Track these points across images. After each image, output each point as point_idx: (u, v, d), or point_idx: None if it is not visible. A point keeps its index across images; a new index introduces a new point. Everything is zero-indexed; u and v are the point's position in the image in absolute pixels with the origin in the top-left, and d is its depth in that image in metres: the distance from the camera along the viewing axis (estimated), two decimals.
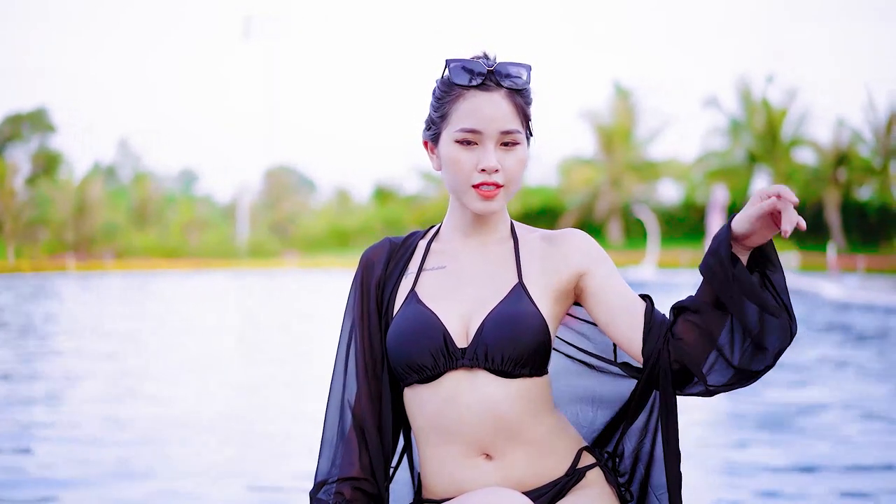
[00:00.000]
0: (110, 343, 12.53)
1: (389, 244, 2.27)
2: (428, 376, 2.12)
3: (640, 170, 49.59)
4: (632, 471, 2.28)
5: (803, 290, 25.37)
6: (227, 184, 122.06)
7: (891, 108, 45.05)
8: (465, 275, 2.19)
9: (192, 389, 8.86)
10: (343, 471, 2.16)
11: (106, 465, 5.60)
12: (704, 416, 7.47)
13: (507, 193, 2.13)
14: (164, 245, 46.47)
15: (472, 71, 2.10)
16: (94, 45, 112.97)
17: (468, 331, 2.12)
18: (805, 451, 6.09)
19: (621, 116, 49.58)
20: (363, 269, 2.25)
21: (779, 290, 1.99)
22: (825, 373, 9.96)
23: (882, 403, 8.05)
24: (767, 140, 47.14)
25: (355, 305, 2.23)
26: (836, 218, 44.70)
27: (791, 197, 1.88)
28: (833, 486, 5.16)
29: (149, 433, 6.71)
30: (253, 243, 50.34)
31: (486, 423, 2.09)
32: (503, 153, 2.11)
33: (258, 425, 7.14)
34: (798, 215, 1.88)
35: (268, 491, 5.17)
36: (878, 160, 45.31)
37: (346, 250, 54.91)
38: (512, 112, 2.10)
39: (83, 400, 8.31)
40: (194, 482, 5.29)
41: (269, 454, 6.13)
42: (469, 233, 2.22)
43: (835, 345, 12.61)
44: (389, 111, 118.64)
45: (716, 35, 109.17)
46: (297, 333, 14.34)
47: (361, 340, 2.20)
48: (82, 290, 25.99)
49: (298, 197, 66.59)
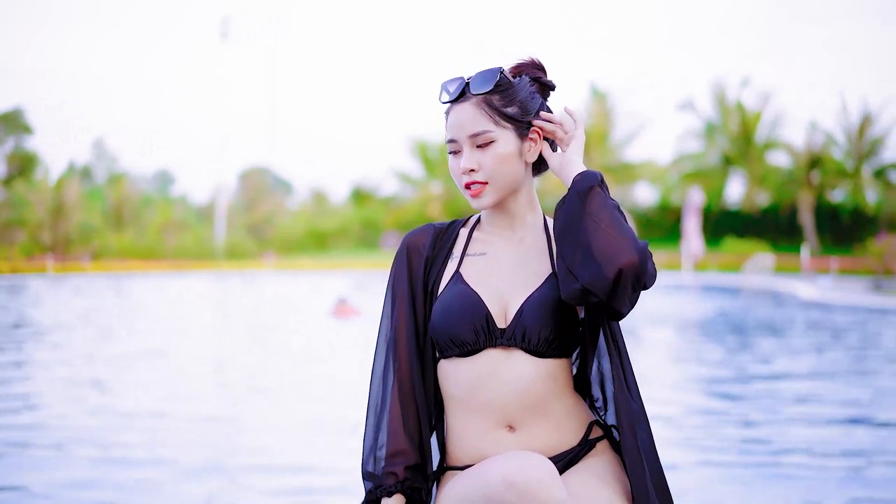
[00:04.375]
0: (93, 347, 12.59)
1: (434, 229, 2.51)
2: (468, 351, 2.35)
3: (616, 172, 49.81)
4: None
5: (778, 291, 25.70)
6: (203, 185, 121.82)
7: (863, 112, 45.56)
8: (503, 262, 2.42)
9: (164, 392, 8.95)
10: (391, 442, 2.37)
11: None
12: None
13: (494, 189, 2.37)
14: (141, 246, 46.29)
15: (447, 89, 2.38)
16: (69, 46, 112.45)
17: (507, 313, 2.35)
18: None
19: (598, 119, 49.79)
20: (408, 249, 2.48)
21: None
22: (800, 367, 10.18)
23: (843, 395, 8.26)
24: (742, 143, 47.54)
25: (399, 281, 2.46)
26: (810, 220, 45.13)
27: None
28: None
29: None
30: (230, 245, 50.23)
31: (516, 397, 2.32)
32: (480, 153, 2.35)
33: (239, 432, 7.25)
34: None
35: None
36: (850, 163, 45.79)
37: (323, 252, 54.95)
38: (480, 115, 2.34)
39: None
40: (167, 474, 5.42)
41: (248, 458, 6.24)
42: (502, 225, 2.47)
43: (808, 343, 12.86)
44: (365, 112, 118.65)
45: (692, 38, 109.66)
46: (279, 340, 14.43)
47: (408, 313, 2.43)
48: (67, 291, 25.96)
49: (275, 198, 66.52)
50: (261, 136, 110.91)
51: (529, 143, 2.40)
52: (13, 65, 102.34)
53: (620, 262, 2.16)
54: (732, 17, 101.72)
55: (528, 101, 2.38)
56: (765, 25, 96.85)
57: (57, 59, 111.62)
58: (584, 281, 2.19)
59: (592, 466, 2.35)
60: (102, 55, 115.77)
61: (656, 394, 8.19)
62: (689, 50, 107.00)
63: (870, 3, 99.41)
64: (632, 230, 2.22)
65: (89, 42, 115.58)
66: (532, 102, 2.39)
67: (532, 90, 2.41)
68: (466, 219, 2.56)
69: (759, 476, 5.33)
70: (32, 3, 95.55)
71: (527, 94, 2.39)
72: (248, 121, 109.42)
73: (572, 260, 2.22)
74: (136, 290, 27.36)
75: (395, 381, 2.42)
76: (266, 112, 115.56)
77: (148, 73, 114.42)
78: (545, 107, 2.44)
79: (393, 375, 2.43)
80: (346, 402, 7.78)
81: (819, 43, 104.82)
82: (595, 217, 2.21)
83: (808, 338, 13.66)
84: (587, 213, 2.22)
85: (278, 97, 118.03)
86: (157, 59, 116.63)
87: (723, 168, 48.59)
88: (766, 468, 5.51)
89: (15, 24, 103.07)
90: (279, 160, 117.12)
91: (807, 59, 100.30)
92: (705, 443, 6.29)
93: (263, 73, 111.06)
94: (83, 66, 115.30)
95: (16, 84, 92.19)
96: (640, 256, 2.18)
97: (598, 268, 2.17)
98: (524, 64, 2.46)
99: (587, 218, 2.22)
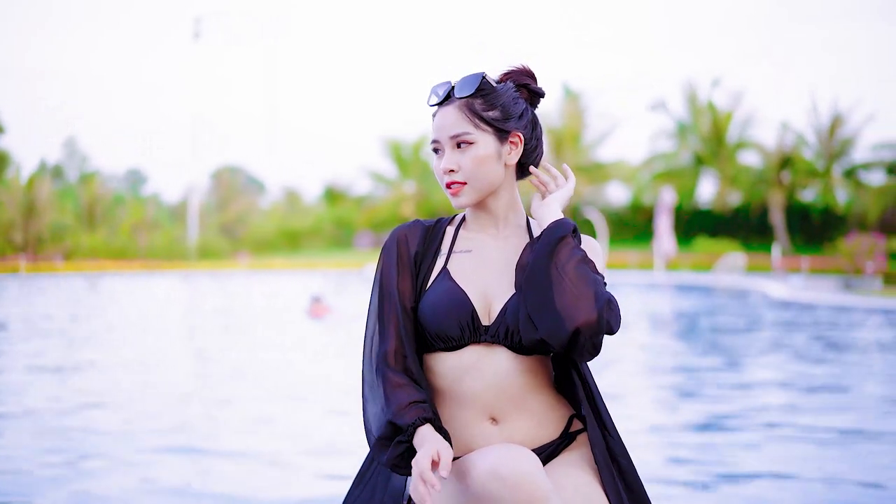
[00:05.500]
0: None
1: (423, 226, 2.59)
2: (452, 346, 2.44)
3: (588, 172, 49.99)
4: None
5: (750, 290, 25.91)
6: (174, 184, 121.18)
7: (833, 112, 45.91)
8: (488, 260, 2.51)
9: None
10: (398, 399, 2.39)
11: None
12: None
13: (472, 189, 2.48)
14: (114, 246, 46.04)
15: (436, 92, 2.50)
16: (40, 44, 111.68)
17: (490, 310, 2.44)
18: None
19: (570, 119, 49.92)
20: (398, 243, 2.55)
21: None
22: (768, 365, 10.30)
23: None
24: (713, 143, 47.80)
25: (390, 273, 2.52)
26: (781, 219, 45.46)
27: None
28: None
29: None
30: (202, 244, 50.04)
31: (498, 391, 2.42)
32: (460, 154, 2.46)
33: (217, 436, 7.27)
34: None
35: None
36: (821, 163, 46.14)
37: (296, 252, 54.88)
38: (461, 118, 2.45)
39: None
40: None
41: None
42: (486, 224, 2.56)
43: (780, 341, 13.00)
44: (337, 111, 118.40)
45: (664, 38, 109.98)
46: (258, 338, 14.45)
47: (398, 303, 2.49)
48: (42, 291, 25.83)
49: (247, 198, 66.39)
50: (232, 134, 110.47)
51: (510, 146, 2.49)
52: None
53: (578, 321, 2.27)
54: (732, 17, 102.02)
55: (509, 106, 2.47)
56: (765, 25, 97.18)
57: (27, 57, 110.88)
58: (542, 333, 2.31)
59: (573, 458, 2.45)
60: (72, 54, 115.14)
61: (625, 396, 8.28)
62: (690, 50, 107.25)
63: (870, 3, 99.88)
64: (597, 282, 2.32)
65: (61, 41, 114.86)
66: (514, 107, 2.48)
67: (515, 96, 2.50)
68: (452, 217, 2.65)
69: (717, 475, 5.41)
70: (7, 3, 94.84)
71: (509, 100, 2.48)
72: (220, 119, 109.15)
73: (534, 307, 2.32)
74: (111, 289, 27.26)
75: (388, 363, 2.45)
76: (238, 111, 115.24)
77: (118, 72, 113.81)
78: (530, 113, 2.54)
79: (386, 356, 2.45)
80: (329, 399, 7.84)
81: (819, 43, 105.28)
82: (561, 268, 2.32)
83: (777, 336, 13.81)
84: (554, 262, 2.33)
85: (251, 96, 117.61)
86: (127, 58, 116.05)
87: (694, 168, 48.84)
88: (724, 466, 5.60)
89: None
90: (250, 159, 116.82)
91: (807, 59, 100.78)
92: (670, 454, 6.37)
93: (236, 73, 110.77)
94: (55, 64, 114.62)
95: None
96: (599, 315, 2.28)
97: (557, 323, 2.28)
98: (514, 71, 2.56)
99: (553, 267, 2.32)
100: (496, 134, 2.46)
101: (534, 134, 2.54)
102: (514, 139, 2.49)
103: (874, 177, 45.05)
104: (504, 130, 2.47)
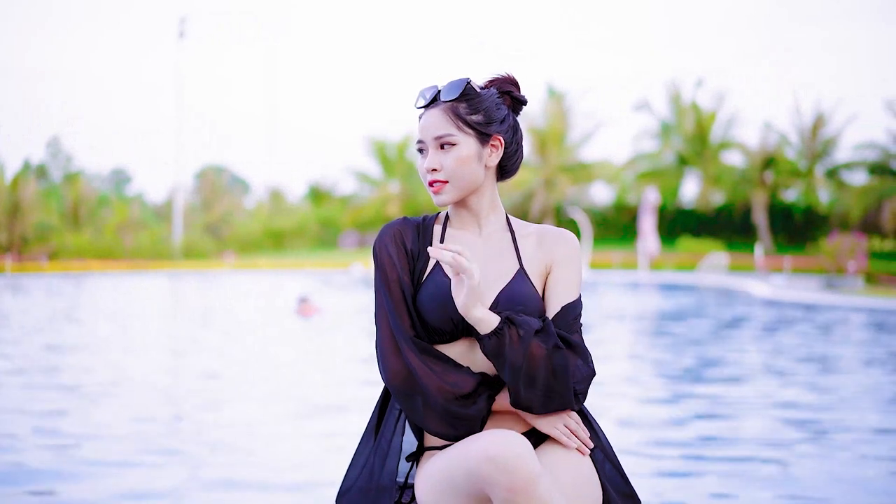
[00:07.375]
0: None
1: (413, 223, 2.71)
2: (445, 339, 2.59)
3: (572, 171, 50.02)
4: None
5: (733, 290, 26.07)
6: (159, 184, 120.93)
7: (816, 112, 46.15)
8: (475, 256, 2.64)
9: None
10: (455, 386, 2.54)
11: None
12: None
13: (454, 188, 2.62)
14: (99, 246, 45.85)
15: (424, 95, 2.64)
16: (23, 42, 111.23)
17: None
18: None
19: (554, 119, 49.96)
20: (394, 238, 2.66)
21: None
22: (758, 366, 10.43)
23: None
24: (697, 143, 48.00)
25: (391, 269, 2.62)
26: (764, 219, 45.68)
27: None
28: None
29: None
30: (187, 244, 49.92)
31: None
32: (443, 155, 2.60)
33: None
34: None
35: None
36: (803, 163, 46.38)
37: (281, 251, 54.85)
38: (445, 120, 2.59)
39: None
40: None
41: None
42: (468, 222, 2.71)
43: (766, 341, 13.14)
44: (322, 111, 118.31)
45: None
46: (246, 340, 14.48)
47: (404, 292, 2.61)
48: (29, 292, 25.80)
49: (232, 197, 66.26)
50: (216, 133, 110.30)
51: (490, 148, 2.64)
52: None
53: (550, 409, 2.52)
54: (732, 17, 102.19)
55: (492, 111, 2.62)
56: (765, 25, 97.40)
57: (11, 56, 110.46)
58: (521, 405, 2.51)
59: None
60: (56, 53, 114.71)
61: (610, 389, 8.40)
62: (690, 50, 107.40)
63: (870, 3, 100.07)
64: (567, 376, 2.50)
65: (45, 40, 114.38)
66: (497, 112, 2.63)
67: (498, 101, 2.65)
68: (436, 214, 2.78)
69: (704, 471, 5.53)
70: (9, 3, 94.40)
71: (492, 105, 2.63)
72: (204, 119, 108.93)
73: (509, 381, 2.49)
74: (96, 289, 27.23)
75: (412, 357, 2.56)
76: (222, 110, 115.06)
77: (102, 71, 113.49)
78: (511, 118, 2.69)
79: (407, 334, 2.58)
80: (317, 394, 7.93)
81: (819, 43, 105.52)
82: (523, 369, 2.46)
83: (760, 334, 13.95)
84: (510, 364, 2.46)
85: (236, 96, 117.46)
86: (110, 55, 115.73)
87: (678, 168, 49.04)
88: (719, 463, 5.71)
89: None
90: (234, 158, 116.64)
91: (807, 59, 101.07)
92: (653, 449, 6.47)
93: (221, 72, 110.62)
94: (38, 63, 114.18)
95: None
96: (575, 401, 2.52)
97: (532, 402, 2.50)
98: (498, 79, 2.71)
99: (510, 368, 2.47)
100: (478, 137, 2.60)
101: (514, 138, 2.69)
102: (495, 142, 2.63)
103: (856, 177, 45.29)
104: (486, 134, 2.61)
